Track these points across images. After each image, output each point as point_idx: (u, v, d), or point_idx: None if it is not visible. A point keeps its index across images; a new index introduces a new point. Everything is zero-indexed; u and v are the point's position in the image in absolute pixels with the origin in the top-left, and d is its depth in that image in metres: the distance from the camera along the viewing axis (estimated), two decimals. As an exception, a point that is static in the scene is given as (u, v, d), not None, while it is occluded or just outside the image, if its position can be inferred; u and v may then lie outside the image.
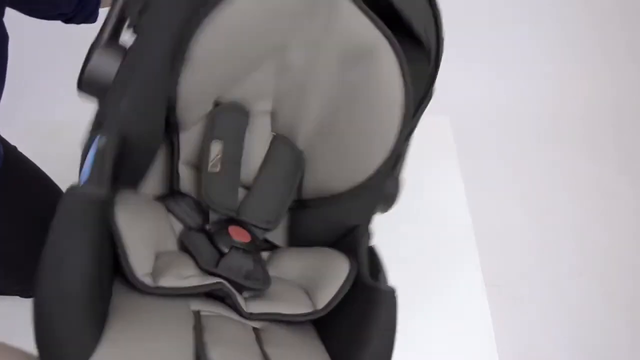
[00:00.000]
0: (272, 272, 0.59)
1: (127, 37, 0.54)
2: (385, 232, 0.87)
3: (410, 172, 1.08)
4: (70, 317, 0.37)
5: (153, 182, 0.60)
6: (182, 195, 0.60)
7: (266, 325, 0.52)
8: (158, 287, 0.47)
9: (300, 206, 0.64)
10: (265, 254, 0.62)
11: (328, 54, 0.57)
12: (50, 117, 1.90)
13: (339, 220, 0.60)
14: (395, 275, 0.89)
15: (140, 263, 0.47)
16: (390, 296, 0.50)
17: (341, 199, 0.60)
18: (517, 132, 1.92)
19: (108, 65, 0.53)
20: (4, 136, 0.88)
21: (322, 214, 0.61)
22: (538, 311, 1.39)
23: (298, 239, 0.64)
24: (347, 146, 0.59)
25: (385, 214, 0.83)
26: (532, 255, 1.53)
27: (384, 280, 0.53)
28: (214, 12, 0.52)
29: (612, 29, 2.03)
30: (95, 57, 0.53)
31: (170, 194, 0.61)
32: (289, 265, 0.60)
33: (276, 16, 0.55)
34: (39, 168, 0.90)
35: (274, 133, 0.64)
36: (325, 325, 0.54)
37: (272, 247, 0.64)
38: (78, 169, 0.58)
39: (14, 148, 0.89)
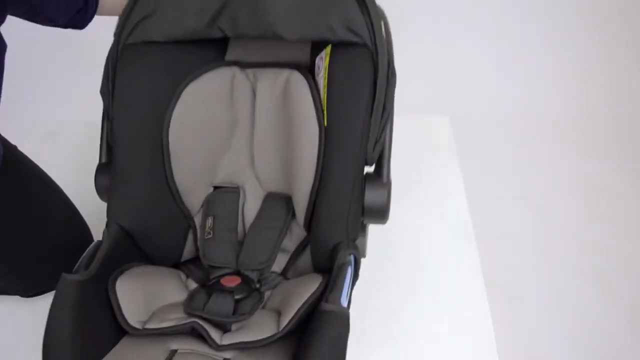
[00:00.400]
0: (271, 303, 0.68)
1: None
2: (385, 232, 0.87)
3: (411, 172, 1.09)
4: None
5: (189, 252, 0.78)
6: (198, 260, 0.76)
7: (237, 354, 0.60)
8: (144, 329, 0.61)
9: (306, 242, 0.74)
10: (269, 292, 0.72)
11: (267, 106, 0.74)
12: (50, 117, 1.90)
13: (324, 239, 0.66)
14: (395, 275, 0.89)
15: (133, 314, 0.62)
16: (333, 316, 0.55)
17: (320, 215, 0.66)
18: (517, 132, 1.92)
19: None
20: (4, 136, 0.88)
21: (314, 238, 0.69)
22: (538, 311, 1.39)
23: (312, 269, 0.71)
24: (293, 154, 0.71)
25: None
26: (532, 255, 1.53)
27: (333, 299, 0.56)
28: (172, 113, 0.71)
29: (613, 29, 2.03)
30: (97, 179, 0.72)
31: (191, 260, 0.78)
32: (279, 294, 0.69)
33: (213, 103, 0.74)
34: (39, 167, 0.90)
35: (266, 192, 0.78)
36: (299, 344, 0.59)
37: (284, 277, 0.75)
38: (78, 168, 0.67)
39: (14, 147, 0.89)
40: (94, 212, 0.85)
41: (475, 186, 1.17)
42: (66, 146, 1.24)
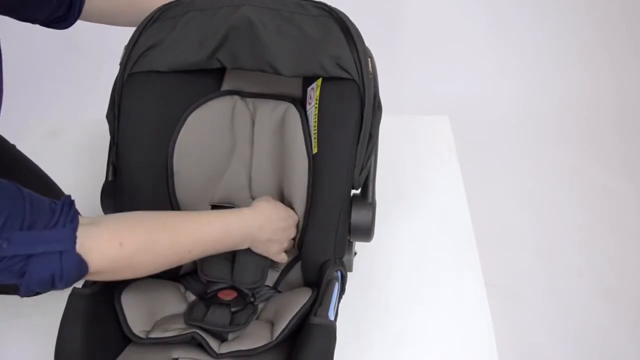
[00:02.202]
0: (264, 314, 0.74)
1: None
2: (385, 232, 0.87)
3: (411, 172, 1.09)
4: None
5: (187, 266, 0.81)
6: (195, 274, 0.80)
7: None
8: (147, 338, 0.66)
9: (297, 258, 0.79)
10: (263, 304, 0.78)
11: (265, 134, 0.80)
12: (50, 117, 1.90)
13: (314, 258, 0.72)
14: (395, 275, 0.89)
15: (138, 324, 0.67)
16: (322, 329, 0.60)
17: (310, 236, 0.72)
18: (518, 132, 1.92)
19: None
20: (4, 135, 0.88)
21: (305, 256, 0.73)
22: (538, 311, 1.39)
23: (302, 284, 0.77)
24: (287, 179, 0.76)
25: (385, 213, 0.83)
26: (533, 255, 1.53)
27: (322, 314, 0.62)
28: (177, 137, 0.75)
29: (615, 29, 2.03)
30: (103, 196, 0.76)
31: (188, 273, 0.82)
32: (272, 306, 0.75)
33: (216, 129, 0.79)
34: (37, 166, 0.90)
35: None
36: (291, 353, 0.64)
37: (276, 291, 0.80)
38: (77, 168, 0.64)
39: (13, 146, 0.89)
40: (92, 211, 0.85)
41: (475, 186, 1.17)
42: (66, 146, 1.24)
